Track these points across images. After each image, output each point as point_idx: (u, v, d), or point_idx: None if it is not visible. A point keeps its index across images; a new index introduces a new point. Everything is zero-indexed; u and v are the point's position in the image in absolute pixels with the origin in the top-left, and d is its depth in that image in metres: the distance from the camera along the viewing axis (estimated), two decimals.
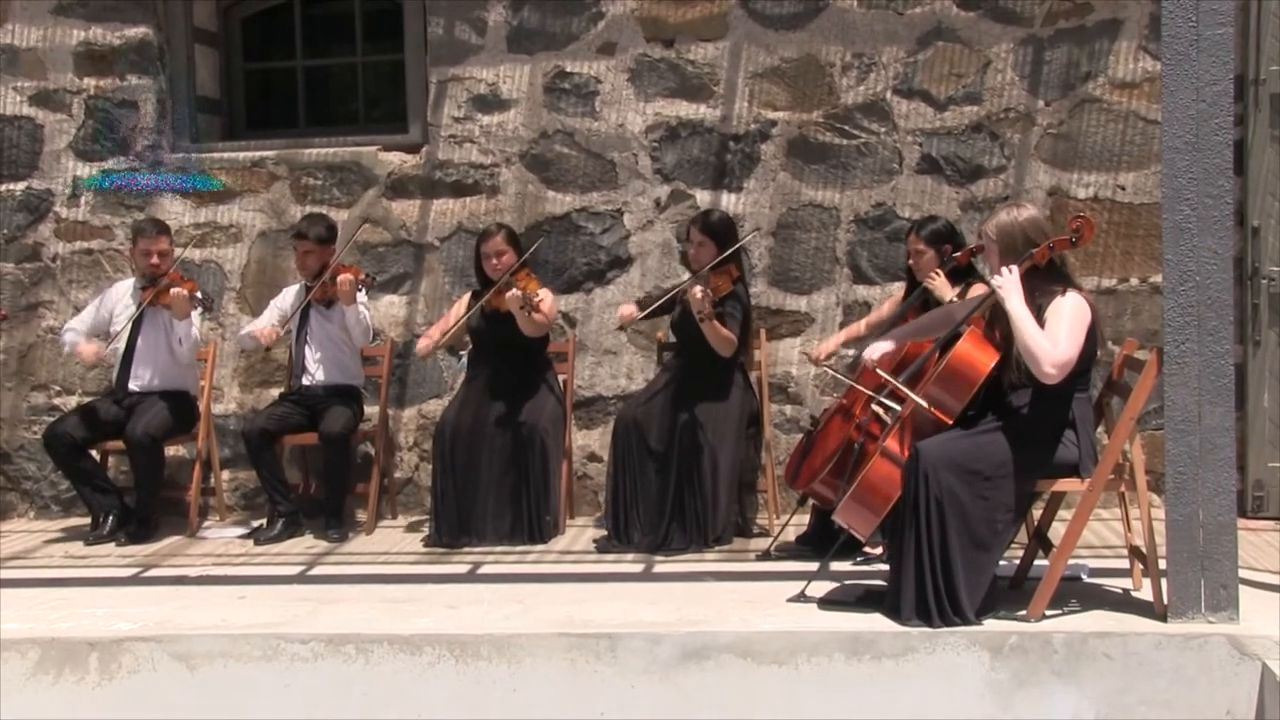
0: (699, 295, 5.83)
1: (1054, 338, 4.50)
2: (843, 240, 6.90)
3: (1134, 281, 6.70)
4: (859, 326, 6.36)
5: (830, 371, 6.24)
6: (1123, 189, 6.69)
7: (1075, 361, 4.51)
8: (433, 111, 7.11)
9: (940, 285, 5.69)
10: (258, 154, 7.28)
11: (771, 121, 6.91)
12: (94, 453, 6.71)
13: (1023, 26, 6.71)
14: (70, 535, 6.75)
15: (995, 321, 4.73)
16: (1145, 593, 4.71)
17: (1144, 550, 4.69)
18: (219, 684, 4.62)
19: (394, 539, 6.47)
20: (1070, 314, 4.55)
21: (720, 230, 6.17)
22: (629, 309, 6.35)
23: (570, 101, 7.02)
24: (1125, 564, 5.00)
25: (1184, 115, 4.40)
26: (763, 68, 6.90)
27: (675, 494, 5.97)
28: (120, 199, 7.28)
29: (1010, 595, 4.79)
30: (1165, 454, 4.47)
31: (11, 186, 7.34)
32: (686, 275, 6.38)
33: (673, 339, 6.47)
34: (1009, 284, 4.58)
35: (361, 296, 6.54)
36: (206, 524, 6.86)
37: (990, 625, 4.50)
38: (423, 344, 6.49)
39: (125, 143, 7.26)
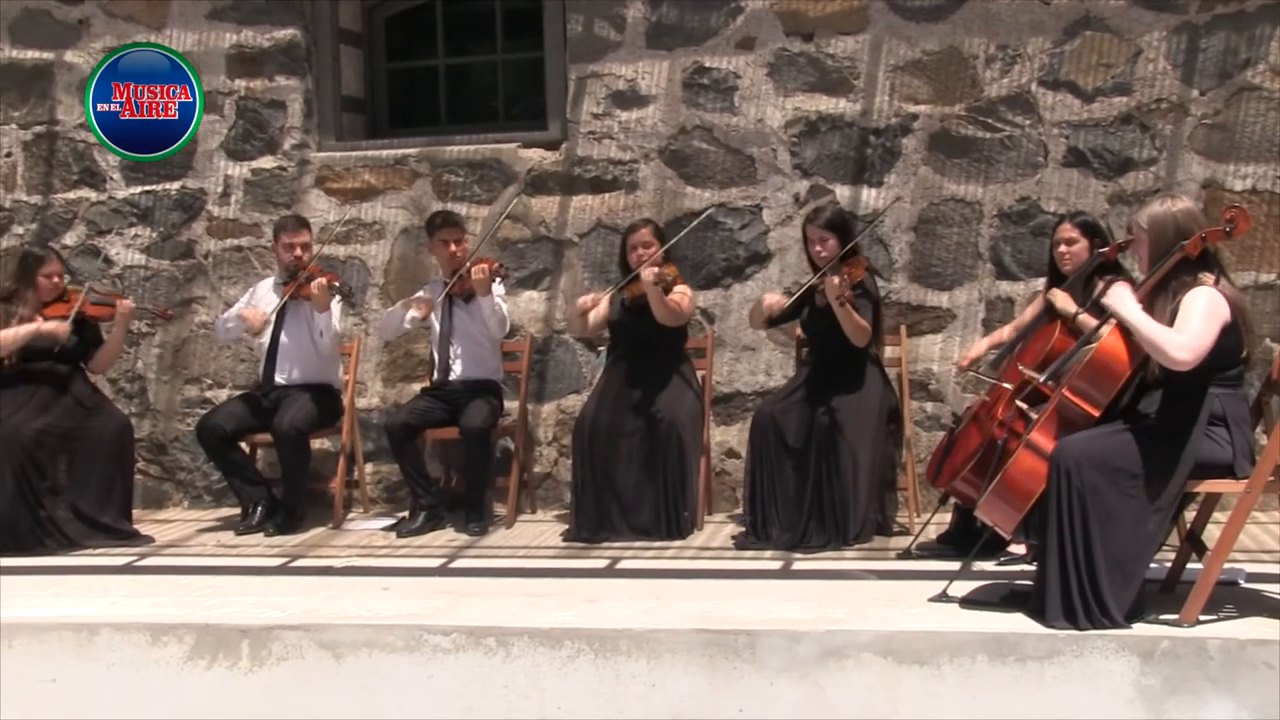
0: (836, 282, 5.81)
1: (1181, 326, 4.39)
2: (985, 235, 6.78)
3: None
4: (1003, 333, 6.23)
5: (981, 378, 6.13)
6: None
7: (1209, 349, 4.37)
8: (572, 108, 7.16)
9: (1063, 300, 5.53)
10: (400, 152, 7.40)
11: (913, 115, 6.82)
12: (243, 445, 6.87)
13: (1177, 14, 6.52)
14: (221, 525, 6.93)
15: (1147, 309, 4.60)
16: None
17: None
18: (364, 673, 4.70)
19: (533, 533, 6.52)
20: (1202, 309, 4.41)
21: (840, 223, 6.13)
22: (774, 298, 6.23)
23: (709, 97, 7.01)
24: None
25: None
26: (904, 60, 6.81)
27: (814, 491, 5.93)
28: (269, 197, 7.47)
29: (1161, 599, 4.66)
30: None
31: (167, 186, 7.57)
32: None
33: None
34: (1118, 298, 4.54)
35: (498, 288, 6.61)
36: (350, 516, 7.00)
37: (1140, 629, 4.37)
38: (587, 299, 6.45)
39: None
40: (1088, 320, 5.26)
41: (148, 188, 7.58)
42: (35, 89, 7.62)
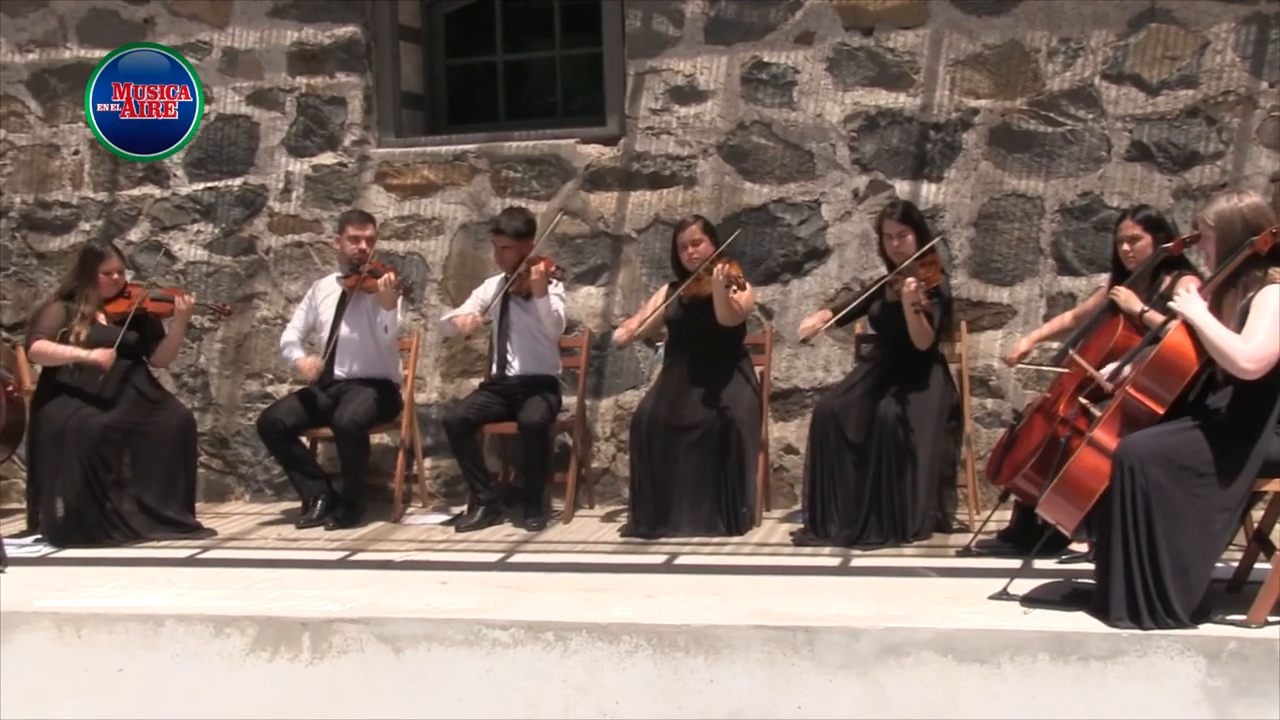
0: (913, 287, 5.78)
1: (1250, 333, 4.33)
2: (1047, 231, 6.72)
3: None
4: (1065, 318, 6.17)
5: (1031, 368, 6.08)
6: None
7: (1277, 354, 4.31)
8: (630, 104, 7.16)
9: (1126, 298, 5.46)
10: (459, 148, 7.43)
11: (973, 110, 6.77)
12: (304, 439, 6.93)
13: (1246, 4, 6.41)
14: (282, 518, 6.99)
15: (1215, 307, 4.54)
16: None
17: None
18: (423, 666, 4.73)
19: (591, 528, 6.53)
20: (1272, 310, 4.35)
21: (918, 219, 6.12)
22: (814, 320, 6.24)
23: (768, 92, 6.98)
24: None
25: None
26: (964, 55, 6.76)
27: (873, 487, 5.90)
28: (330, 193, 7.52)
29: (1228, 599, 4.59)
30: None
31: (230, 182, 7.64)
32: (883, 269, 6.29)
33: (870, 331, 6.40)
34: (1186, 301, 4.49)
35: (556, 288, 6.62)
36: (410, 510, 7.03)
37: (1207, 630, 4.31)
38: (620, 333, 6.54)
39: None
40: (1153, 318, 5.20)
41: (210, 184, 7.66)
42: None
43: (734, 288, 6.12)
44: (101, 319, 6.58)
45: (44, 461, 6.46)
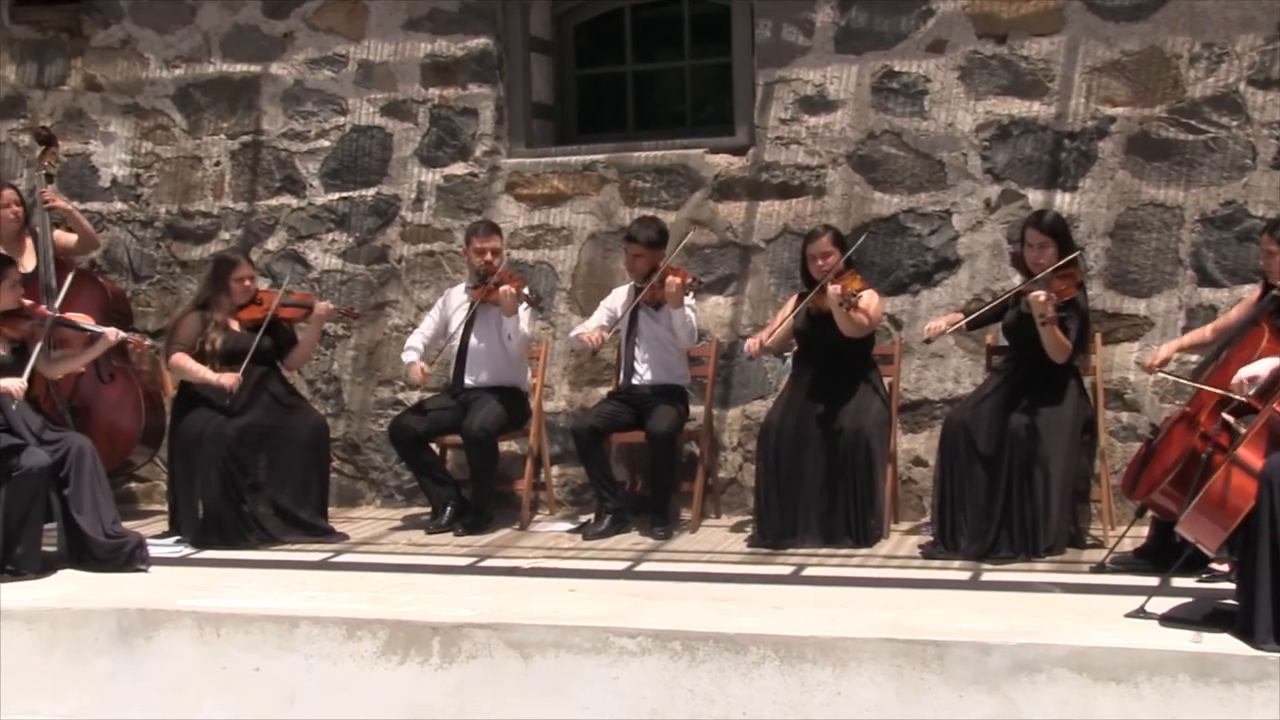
0: (1043, 299, 5.69)
1: None
2: (1186, 241, 6.55)
3: None
4: (1204, 331, 6.01)
5: (1170, 377, 5.93)
6: None
7: None
8: (759, 113, 7.14)
9: None
10: (589, 158, 7.47)
11: (1110, 118, 6.63)
12: (434, 446, 7.02)
13: None
14: (412, 524, 7.08)
15: None
16: None
17: None
18: (551, 673, 4.77)
19: (718, 538, 6.52)
20: None
21: (1061, 231, 6.01)
22: (941, 322, 6.17)
23: (898, 101, 6.92)
24: None
25: None
26: (1101, 62, 6.63)
27: (1004, 501, 5.81)
28: (460, 203, 7.62)
29: None
30: None
31: (364, 192, 7.78)
32: (1017, 278, 6.21)
33: (1003, 342, 6.30)
34: None
35: (688, 299, 6.63)
36: (537, 518, 7.08)
37: None
38: (751, 344, 6.53)
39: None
40: None
41: (345, 194, 7.81)
42: (242, 100, 7.91)
43: (848, 307, 6.06)
44: (235, 326, 6.74)
45: (183, 464, 6.64)
